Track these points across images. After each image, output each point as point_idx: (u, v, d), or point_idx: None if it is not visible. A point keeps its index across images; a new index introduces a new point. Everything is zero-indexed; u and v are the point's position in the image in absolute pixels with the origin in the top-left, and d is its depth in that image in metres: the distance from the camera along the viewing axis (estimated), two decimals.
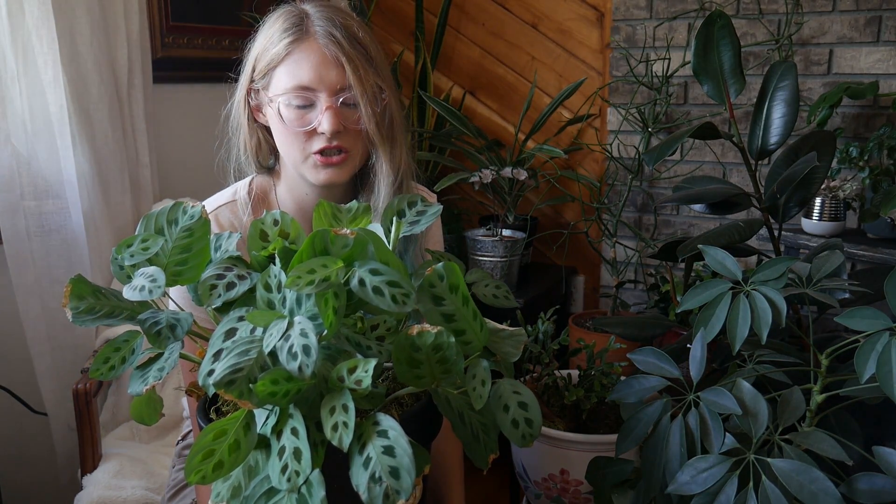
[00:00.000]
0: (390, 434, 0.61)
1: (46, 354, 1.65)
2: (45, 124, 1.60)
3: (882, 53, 1.95)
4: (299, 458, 0.59)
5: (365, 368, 0.62)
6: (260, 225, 0.75)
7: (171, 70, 1.99)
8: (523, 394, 0.72)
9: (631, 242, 2.33)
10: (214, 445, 0.61)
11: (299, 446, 0.60)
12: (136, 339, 0.74)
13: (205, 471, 0.60)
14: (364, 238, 0.66)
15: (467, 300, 0.70)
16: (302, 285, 0.61)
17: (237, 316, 0.68)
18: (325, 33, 1.01)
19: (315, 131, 1.02)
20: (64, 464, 1.71)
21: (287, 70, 1.01)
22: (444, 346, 0.64)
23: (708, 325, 0.96)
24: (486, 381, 0.68)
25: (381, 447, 0.60)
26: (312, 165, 1.04)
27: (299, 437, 0.60)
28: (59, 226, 1.65)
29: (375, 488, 0.58)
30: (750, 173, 1.41)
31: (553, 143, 2.32)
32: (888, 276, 0.86)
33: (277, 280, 0.69)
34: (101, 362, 0.73)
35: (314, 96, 1.01)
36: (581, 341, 1.49)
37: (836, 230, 1.82)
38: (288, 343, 0.61)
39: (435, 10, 2.48)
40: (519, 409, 0.70)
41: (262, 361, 0.61)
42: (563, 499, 1.32)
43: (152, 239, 0.76)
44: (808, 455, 0.84)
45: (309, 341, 0.60)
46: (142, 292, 0.70)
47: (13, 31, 1.52)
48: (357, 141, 1.05)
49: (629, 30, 2.25)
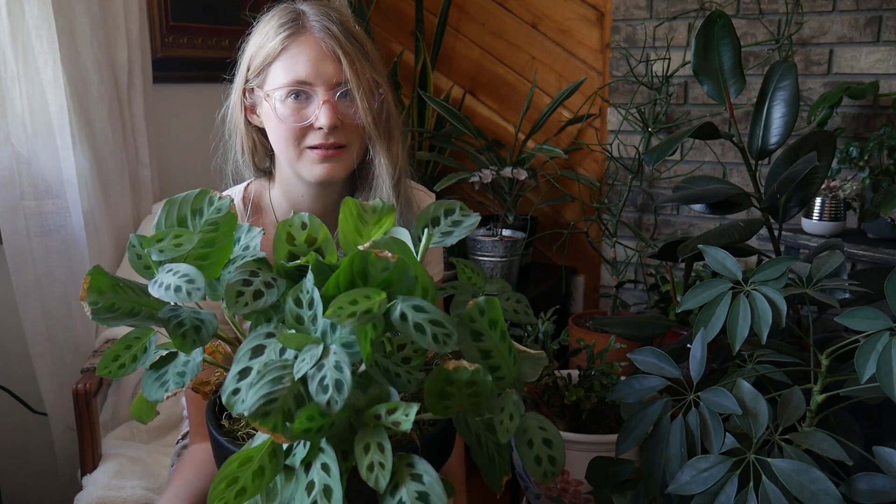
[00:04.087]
0: (425, 479, 0.60)
1: (46, 354, 1.65)
2: (45, 124, 1.59)
3: (882, 53, 1.95)
4: (329, 496, 0.58)
5: (406, 412, 0.60)
6: (287, 227, 0.72)
7: (171, 70, 1.99)
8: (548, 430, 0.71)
9: (631, 242, 2.33)
10: (239, 473, 0.60)
11: (330, 484, 0.58)
12: (149, 337, 0.71)
13: (227, 498, 0.59)
14: (404, 263, 0.64)
15: (504, 335, 0.68)
16: (344, 317, 0.59)
17: (265, 332, 0.65)
18: (321, 28, 1.00)
19: (311, 127, 1.00)
20: (64, 464, 1.71)
21: (283, 65, 1.00)
22: (479, 382, 0.63)
23: (708, 325, 0.96)
24: (514, 417, 0.67)
25: (416, 492, 0.59)
26: (309, 161, 1.02)
27: (330, 475, 0.59)
28: (59, 226, 1.65)
29: None
30: (750, 173, 1.41)
31: (553, 143, 2.32)
32: (888, 276, 0.86)
33: (310, 297, 0.65)
34: (111, 360, 0.70)
35: (311, 90, 1.00)
36: (581, 341, 1.49)
37: (836, 230, 1.82)
38: (321, 373, 0.59)
39: (435, 10, 2.48)
40: (544, 445, 0.70)
41: (296, 391, 0.59)
42: (563, 499, 1.32)
43: (186, 235, 0.71)
44: (808, 455, 0.84)
45: (343, 377, 0.58)
46: (178, 293, 0.65)
47: (13, 31, 1.52)
48: (354, 136, 1.04)
49: (629, 30, 2.25)
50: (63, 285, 1.66)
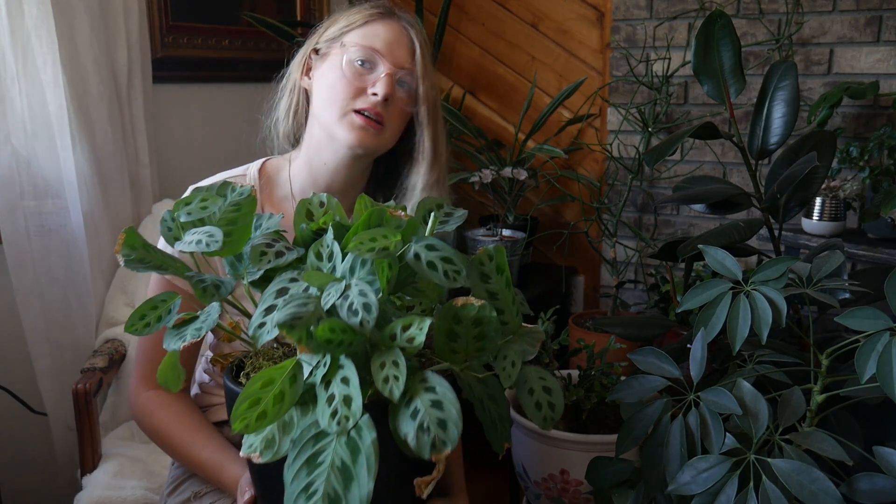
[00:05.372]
0: (438, 390, 0.64)
1: (46, 354, 1.65)
2: (45, 124, 1.59)
3: (882, 53, 1.95)
4: (349, 404, 0.62)
5: (420, 326, 0.65)
6: (307, 205, 0.81)
7: (171, 70, 1.99)
8: (547, 379, 0.75)
9: (631, 242, 2.33)
10: (261, 394, 0.63)
11: (350, 393, 0.62)
12: (174, 300, 0.78)
13: (249, 419, 0.63)
14: (416, 222, 0.72)
15: (509, 283, 0.75)
16: (364, 251, 0.67)
17: (288, 277, 0.71)
18: (408, 21, 1.11)
19: (365, 91, 1.06)
20: (64, 464, 1.71)
21: (363, 32, 1.08)
22: (485, 320, 0.68)
23: (708, 325, 0.96)
24: (516, 364, 0.71)
25: (430, 401, 0.63)
26: (349, 123, 1.06)
27: (350, 385, 0.63)
28: (58, 226, 1.65)
29: (423, 437, 0.62)
30: (750, 173, 1.41)
31: (553, 143, 2.32)
32: (888, 276, 0.86)
33: (329, 250, 0.73)
34: (137, 318, 0.76)
35: (379, 62, 1.06)
36: (581, 341, 1.49)
37: (836, 230, 1.82)
38: (347, 301, 0.65)
39: (435, 10, 2.48)
40: (543, 392, 0.74)
41: (320, 315, 0.64)
42: (563, 499, 1.32)
43: (211, 199, 0.80)
44: (808, 455, 0.84)
45: (369, 300, 0.64)
46: (199, 245, 0.73)
47: (13, 31, 1.52)
48: (395, 120, 1.09)
49: (629, 30, 2.25)
50: (63, 285, 1.66)
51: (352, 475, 0.60)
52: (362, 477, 0.60)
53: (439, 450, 0.62)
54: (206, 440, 1.04)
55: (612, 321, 1.52)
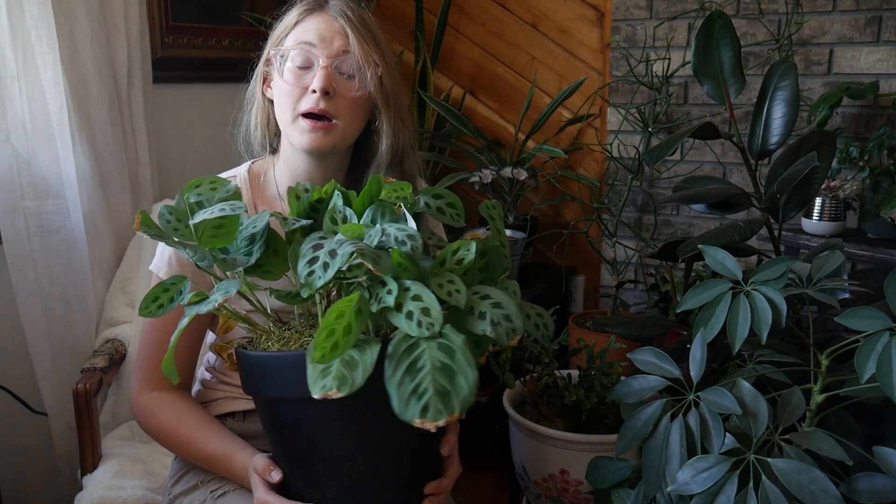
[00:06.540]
0: (493, 294, 0.73)
1: (46, 354, 1.65)
2: (45, 124, 1.59)
3: (882, 53, 1.95)
4: (429, 313, 0.68)
5: (467, 248, 0.75)
6: (294, 191, 0.89)
7: (171, 70, 1.99)
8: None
9: (631, 242, 2.33)
10: (335, 325, 0.68)
11: (427, 306, 0.69)
12: (184, 283, 0.83)
13: (325, 349, 0.67)
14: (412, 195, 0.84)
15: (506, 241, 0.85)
16: (393, 198, 0.80)
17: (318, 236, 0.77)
18: (337, 9, 1.10)
19: (307, 90, 1.06)
20: (64, 464, 1.71)
21: (296, 33, 1.09)
22: (490, 250, 0.79)
23: (708, 325, 0.96)
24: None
25: (490, 304, 0.72)
26: (299, 129, 1.08)
27: (424, 300, 0.69)
28: (58, 226, 1.65)
29: (499, 329, 0.70)
30: (750, 173, 1.41)
31: (553, 143, 2.32)
32: (888, 276, 0.86)
33: (343, 213, 0.81)
34: (151, 300, 0.81)
35: (314, 56, 1.07)
36: (581, 341, 1.49)
37: (836, 230, 1.82)
38: (391, 237, 0.73)
39: (435, 10, 2.48)
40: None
41: (373, 252, 0.71)
42: (563, 499, 1.32)
43: (219, 182, 0.86)
44: (808, 455, 0.84)
45: (410, 232, 0.74)
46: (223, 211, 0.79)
47: (13, 31, 1.52)
48: (346, 111, 1.08)
49: (629, 30, 2.25)
50: (63, 285, 1.66)
51: (453, 370, 0.66)
52: (464, 368, 0.66)
53: (512, 337, 0.70)
54: (211, 433, 1.05)
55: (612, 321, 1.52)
